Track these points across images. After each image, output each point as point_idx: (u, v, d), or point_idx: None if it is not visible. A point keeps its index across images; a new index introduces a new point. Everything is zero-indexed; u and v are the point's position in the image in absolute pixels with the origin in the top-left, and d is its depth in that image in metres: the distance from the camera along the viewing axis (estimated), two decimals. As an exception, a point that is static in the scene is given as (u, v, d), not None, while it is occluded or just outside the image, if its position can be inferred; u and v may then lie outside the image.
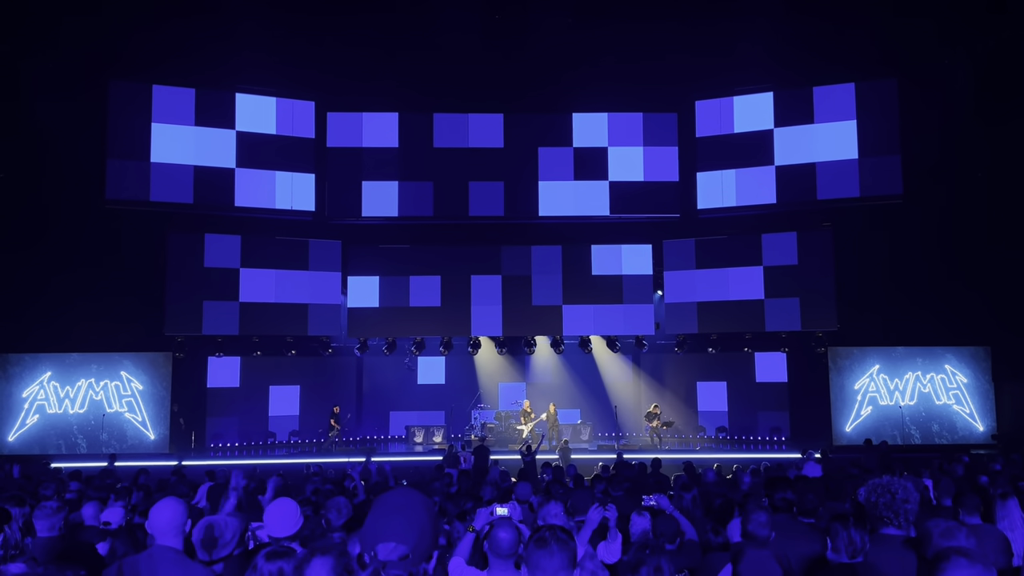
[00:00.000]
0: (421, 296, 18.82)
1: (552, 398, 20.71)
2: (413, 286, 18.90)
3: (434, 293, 18.88)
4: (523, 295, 18.87)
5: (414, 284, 18.92)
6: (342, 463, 15.26)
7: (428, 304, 18.87)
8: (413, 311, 18.84)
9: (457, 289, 18.84)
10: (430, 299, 18.88)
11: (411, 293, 18.86)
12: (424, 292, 18.79)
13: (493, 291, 18.82)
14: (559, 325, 19.08)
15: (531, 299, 18.95)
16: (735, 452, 17.94)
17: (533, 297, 18.96)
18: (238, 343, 18.63)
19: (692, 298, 18.74)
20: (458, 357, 20.66)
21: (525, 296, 18.89)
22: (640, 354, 20.71)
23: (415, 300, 18.86)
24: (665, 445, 18.53)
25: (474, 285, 18.91)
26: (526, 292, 18.88)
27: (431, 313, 18.84)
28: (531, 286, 18.93)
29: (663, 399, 20.70)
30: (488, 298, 18.83)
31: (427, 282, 18.94)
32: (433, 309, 18.84)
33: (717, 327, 18.81)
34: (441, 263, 18.92)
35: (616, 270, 19.02)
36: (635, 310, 18.95)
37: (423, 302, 18.84)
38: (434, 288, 18.89)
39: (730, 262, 18.52)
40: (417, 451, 18.64)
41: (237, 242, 17.95)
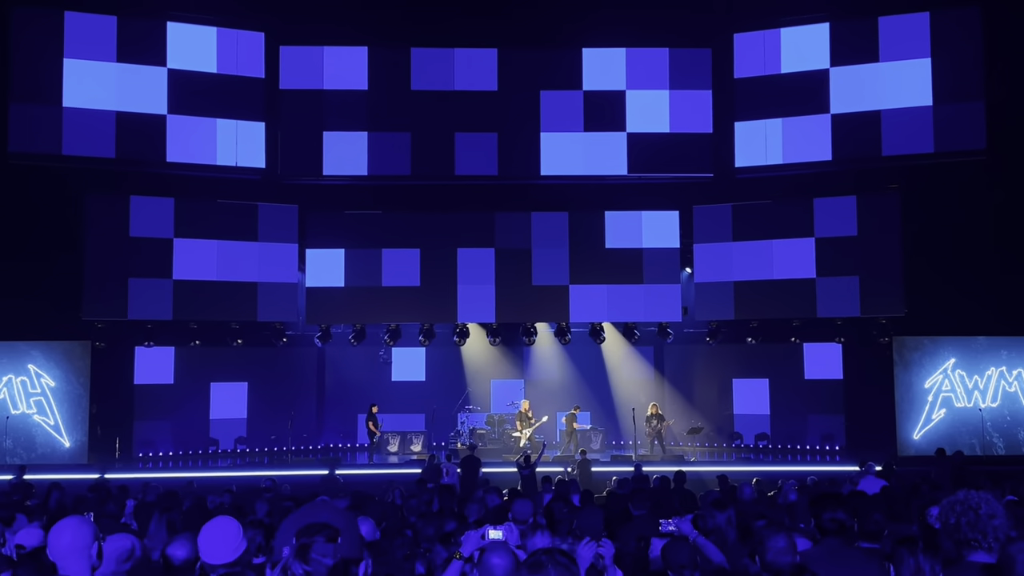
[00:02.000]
0: (396, 274, 18.91)
1: (556, 398, 20.92)
2: (386, 261, 18.98)
3: (412, 270, 18.96)
4: (521, 273, 18.98)
5: (388, 259, 19.00)
6: (301, 477, 15.53)
7: (405, 284, 18.95)
8: (387, 292, 18.92)
9: (440, 265, 18.92)
10: (407, 278, 18.96)
11: (384, 270, 18.94)
12: (400, 269, 18.90)
13: (485, 268, 18.89)
14: (565, 310, 19.17)
15: (531, 278, 19.01)
16: (778, 464, 18.06)
17: (533, 276, 19.02)
18: (172, 330, 18.69)
19: (728, 277, 18.86)
20: (442, 349, 20.74)
21: (524, 274, 18.98)
22: (664, 345, 20.94)
23: (389, 279, 18.92)
24: (690, 455, 18.92)
25: (461, 261, 18.96)
26: (525, 269, 18.94)
27: (409, 295, 18.95)
28: (531, 262, 18.99)
29: (691, 400, 20.93)
30: (478, 276, 18.91)
31: (404, 256, 19.00)
32: (411, 290, 18.95)
33: (758, 312, 18.94)
34: (421, 234, 19.03)
35: (635, 242, 19.10)
36: (658, 292, 19.05)
37: (399, 281, 18.92)
38: (412, 264, 18.97)
39: (775, 233, 18.62)
40: (391, 462, 18.79)
41: (170, 206, 17.94)
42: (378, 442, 18.73)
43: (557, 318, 19.51)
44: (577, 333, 20.24)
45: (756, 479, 11.07)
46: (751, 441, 20.31)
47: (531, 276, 18.97)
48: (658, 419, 18.75)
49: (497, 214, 19.11)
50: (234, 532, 4.11)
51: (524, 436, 18.72)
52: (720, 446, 20.49)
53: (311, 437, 20.49)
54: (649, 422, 18.75)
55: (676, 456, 18.61)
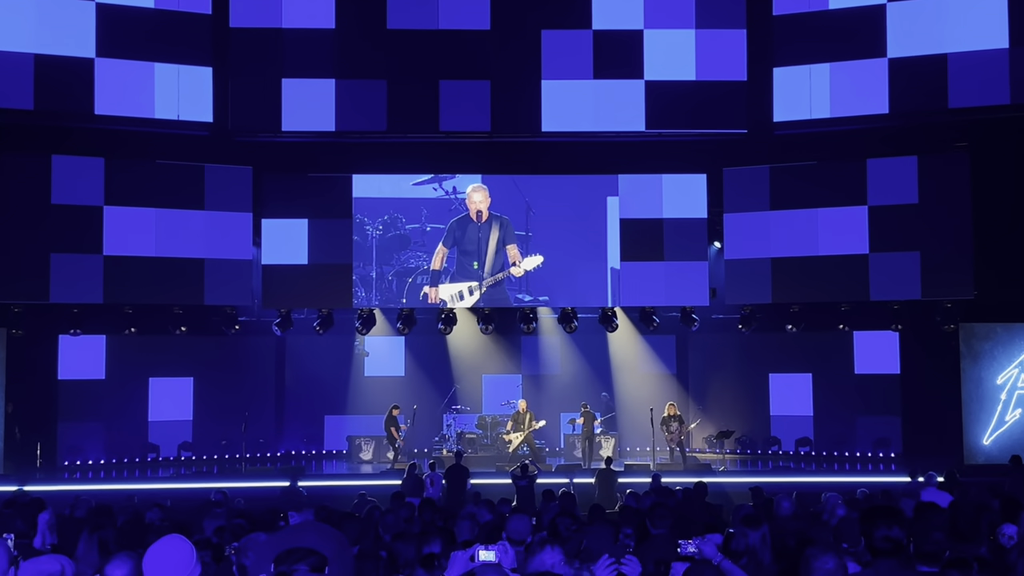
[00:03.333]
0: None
1: (560, 397, 21.07)
2: (361, 233, 19.06)
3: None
4: (519, 248, 19.12)
5: (360, 231, 19.06)
6: (257, 489, 15.61)
7: (380, 260, 19.08)
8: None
9: (430, 234, 19.09)
10: (383, 252, 19.11)
11: (356, 244, 19.00)
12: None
13: (471, 238, 18.97)
14: (570, 291, 19.20)
15: (530, 253, 19.09)
16: (822, 474, 18.20)
17: (533, 251, 19.12)
18: (103, 316, 18.64)
19: (764, 252, 18.83)
20: (424, 337, 20.75)
21: (521, 250, 19.10)
22: (688, 334, 20.87)
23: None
24: (718, 464, 18.98)
25: (446, 229, 19.10)
26: (522, 244, 19.06)
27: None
28: (530, 235, 18.98)
29: (719, 399, 20.94)
30: (468, 251, 18.96)
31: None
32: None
33: (800, 295, 18.90)
34: (400, 201, 19.03)
35: (654, 211, 19.09)
36: (681, 270, 19.00)
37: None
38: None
39: (820, 200, 18.56)
40: (364, 472, 18.84)
41: (99, 168, 17.84)
42: (399, 449, 18.92)
43: (561, 301, 19.52)
44: (585, 320, 20.18)
45: (796, 492, 11.17)
46: (791, 447, 20.37)
47: (530, 252, 19.03)
48: (678, 422, 18.90)
49: (490, 178, 19.13)
50: (186, 554, 4.12)
51: (516, 441, 18.89)
52: (754, 453, 20.57)
53: (269, 443, 20.50)
54: (667, 425, 18.87)
55: (701, 465, 18.75)
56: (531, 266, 18.86)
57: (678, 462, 18.64)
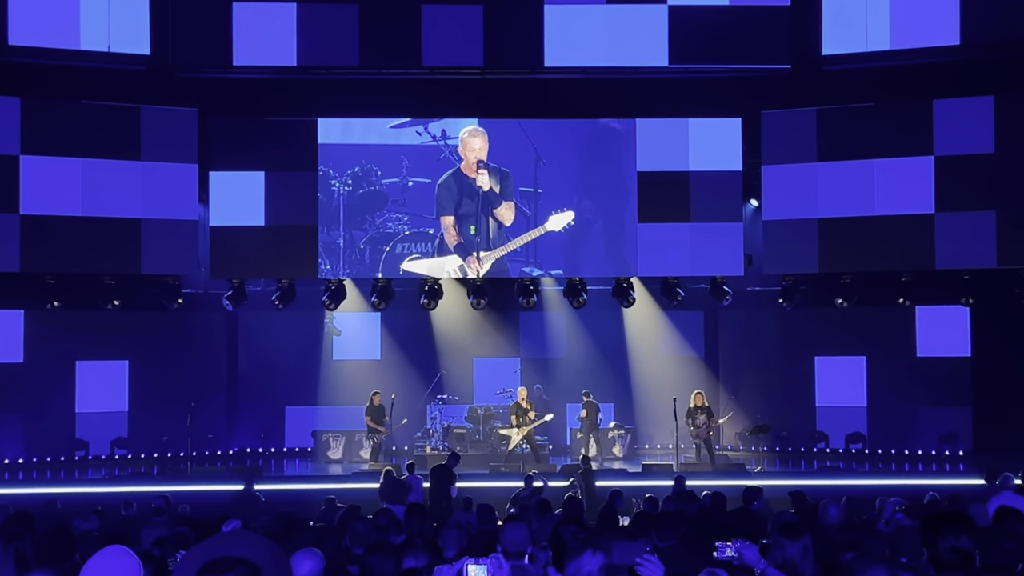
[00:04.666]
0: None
1: (566, 385, 20.99)
2: (326, 190, 18.98)
3: (362, 202, 19.14)
4: (522, 209, 19.04)
5: (327, 187, 19.00)
6: (205, 494, 15.61)
7: (351, 221, 19.10)
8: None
9: (413, 190, 19.09)
10: (355, 212, 19.09)
11: (321, 204, 18.99)
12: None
13: (467, 198, 18.98)
14: (578, 259, 19.16)
15: (531, 213, 19.00)
16: (878, 476, 18.25)
17: (534, 209, 18.97)
18: (20, 287, 18.58)
19: (810, 212, 18.76)
20: (404, 313, 20.70)
21: (525, 208, 19.02)
22: (718, 310, 20.88)
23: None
24: (753, 464, 19.03)
25: (432, 190, 19.05)
26: (529, 203, 18.97)
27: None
28: (539, 192, 18.98)
29: (755, 386, 20.84)
30: (463, 209, 18.96)
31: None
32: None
33: (852, 263, 18.90)
34: (375, 150, 18.83)
35: (679, 163, 18.97)
36: (711, 233, 18.93)
37: (343, 217, 19.02)
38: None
39: (877, 149, 18.44)
40: (333, 473, 18.85)
41: (14, 110, 17.68)
42: (378, 444, 19.03)
43: (567, 270, 19.47)
44: (596, 292, 20.09)
45: (846, 497, 11.20)
46: (840, 444, 20.34)
47: (531, 211, 19.02)
48: (706, 414, 18.92)
49: (483, 122, 19.05)
50: (132, 570, 4.09)
51: (517, 438, 18.87)
52: (796, 451, 20.52)
53: (219, 439, 20.49)
54: (693, 418, 18.91)
55: (733, 466, 18.83)
56: (562, 224, 18.79)
57: (705, 462, 18.65)
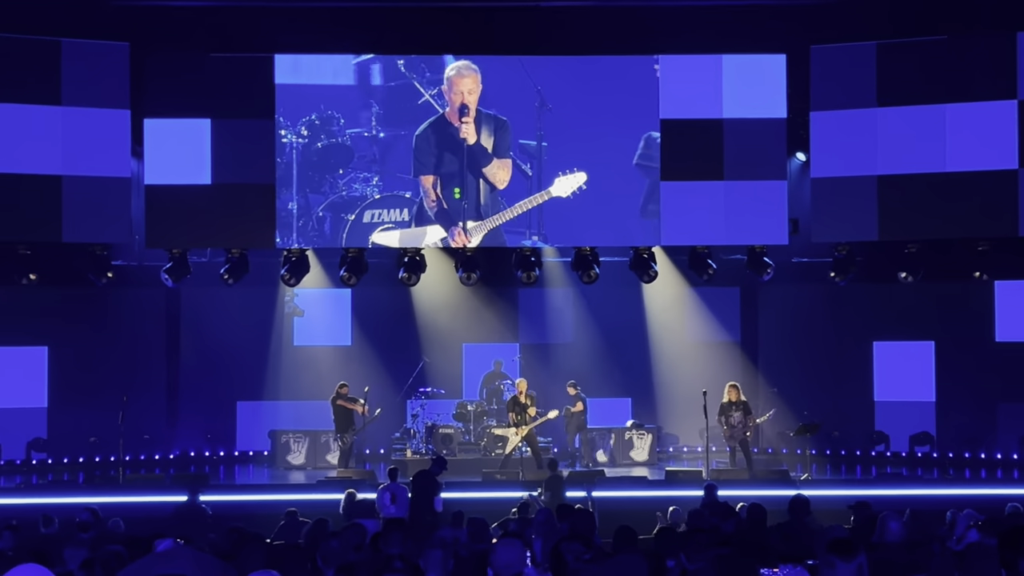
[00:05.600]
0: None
1: (573, 375, 20.62)
2: (276, 144, 19.04)
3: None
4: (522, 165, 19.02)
5: (278, 139, 19.05)
6: (141, 505, 15.42)
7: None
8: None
9: (385, 144, 19.31)
10: (319, 168, 18.86)
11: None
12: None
13: (451, 153, 18.74)
14: (589, 224, 19.07)
15: (533, 171, 18.82)
16: (948, 485, 18.07)
17: (537, 167, 18.77)
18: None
19: (868, 168, 18.66)
20: (379, 290, 20.93)
21: (527, 164, 18.94)
22: (758, 286, 21.02)
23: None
24: (800, 471, 18.90)
25: (410, 143, 18.93)
26: (534, 159, 19.03)
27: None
28: (544, 146, 18.84)
29: (802, 378, 20.59)
30: (445, 168, 18.86)
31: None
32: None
33: (918, 228, 18.84)
34: (336, 93, 19.13)
35: (709, 110, 18.89)
36: (749, 194, 18.86)
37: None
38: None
39: (950, 92, 18.26)
40: (295, 482, 18.98)
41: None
42: (348, 446, 19.17)
43: (573, 239, 19.38)
44: (611, 265, 19.97)
45: (910, 509, 11.24)
46: (903, 447, 20.29)
47: (534, 168, 18.93)
48: (742, 410, 18.81)
49: (473, 59, 18.94)
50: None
51: (515, 439, 18.80)
52: (850, 455, 20.39)
53: (158, 440, 20.41)
54: (727, 415, 18.81)
55: (775, 472, 18.75)
56: (571, 188, 18.54)
57: (742, 468, 18.68)
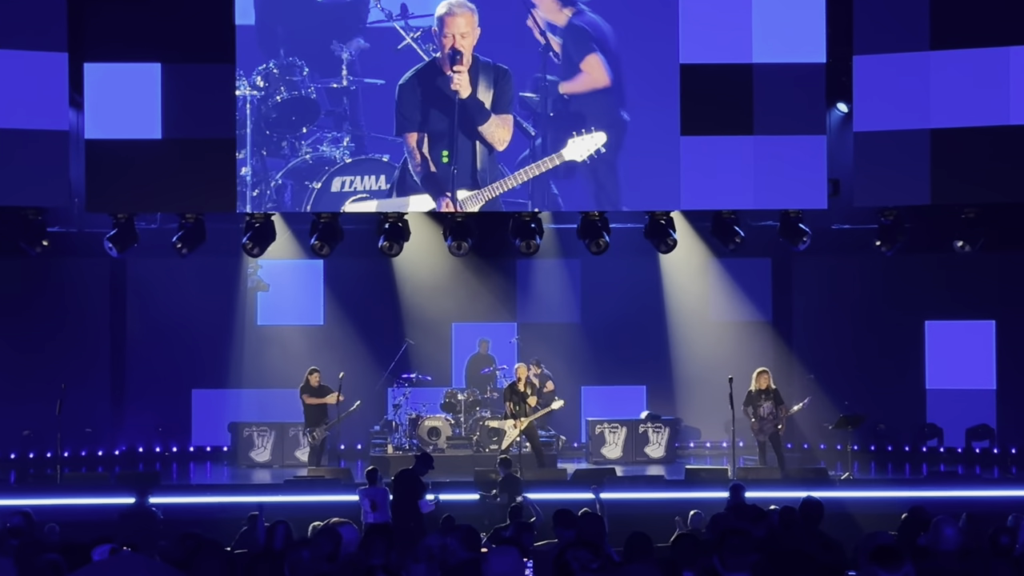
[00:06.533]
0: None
1: (579, 360, 21.23)
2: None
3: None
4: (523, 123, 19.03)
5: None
6: (82, 508, 15.96)
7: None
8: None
9: (357, 97, 19.20)
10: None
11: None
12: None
13: (440, 109, 18.91)
14: (598, 185, 19.11)
15: (538, 134, 18.86)
16: (1010, 486, 18.38)
17: (542, 125, 18.87)
18: None
19: (920, 120, 18.62)
20: (356, 262, 21.31)
21: (529, 123, 19.00)
22: (792, 257, 21.28)
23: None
24: (840, 469, 19.09)
25: (390, 96, 18.96)
26: (538, 120, 18.93)
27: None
28: (539, 98, 18.87)
29: (843, 361, 20.82)
30: (433, 125, 18.97)
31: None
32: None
33: (977, 191, 18.84)
34: (299, 35, 19.20)
35: (737, 52, 18.96)
36: (782, 150, 18.89)
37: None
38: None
39: (1015, 33, 18.26)
40: (259, 482, 19.30)
41: None
42: (320, 441, 19.56)
43: (579, 203, 19.49)
44: (623, 233, 20.19)
45: (966, 513, 11.22)
46: (958, 441, 20.52)
47: (538, 125, 19.00)
48: (773, 400, 19.04)
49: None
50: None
51: (513, 433, 19.11)
52: (898, 451, 20.65)
53: (101, 434, 20.60)
54: (755, 405, 19.03)
55: (811, 471, 18.87)
56: (587, 151, 18.62)
57: (773, 466, 18.87)
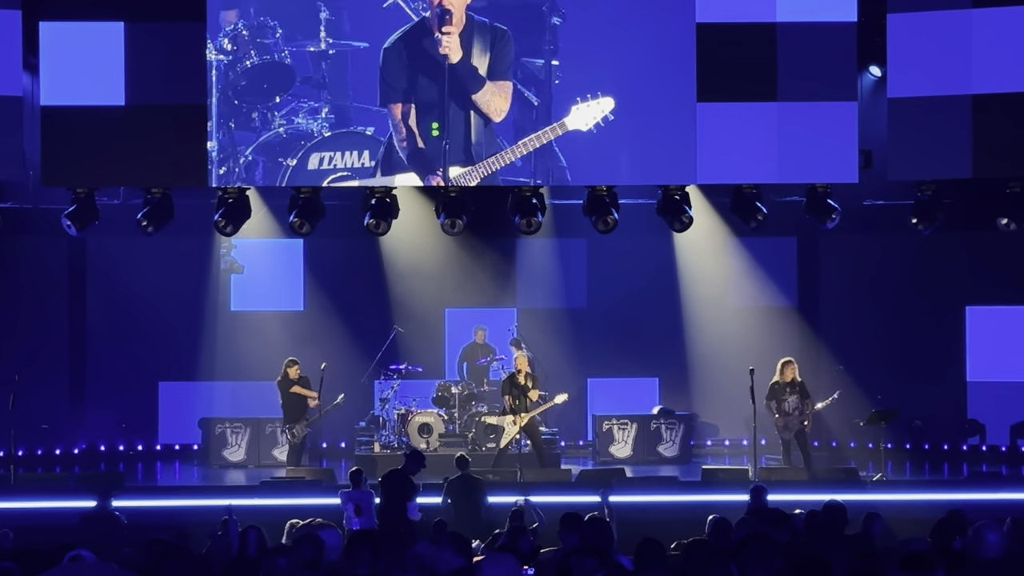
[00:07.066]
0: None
1: (586, 350, 21.56)
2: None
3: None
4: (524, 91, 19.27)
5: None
6: (38, 512, 16.14)
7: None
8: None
9: (338, 63, 19.40)
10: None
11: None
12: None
13: (428, 75, 19.09)
14: (606, 157, 19.28)
15: (541, 99, 19.03)
16: None
17: (546, 93, 18.95)
18: None
19: (960, 86, 18.76)
20: (340, 241, 21.68)
21: (531, 91, 19.20)
22: (820, 236, 21.64)
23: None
24: (871, 470, 19.41)
25: (374, 62, 19.20)
26: (541, 87, 19.10)
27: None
28: (555, 64, 19.20)
29: (875, 351, 21.02)
30: (422, 94, 19.09)
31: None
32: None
33: (1023, 164, 18.82)
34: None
35: (760, 10, 19.11)
36: (809, 118, 19.01)
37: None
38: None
39: None
40: (233, 483, 19.50)
41: None
42: (300, 439, 19.70)
43: (586, 176, 19.52)
44: (633, 209, 20.30)
45: (1011, 518, 10.84)
46: (1002, 439, 20.76)
47: (542, 91, 19.02)
48: (799, 393, 19.17)
49: None
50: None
51: (513, 430, 19.23)
52: (936, 450, 20.81)
53: (58, 431, 20.75)
54: (779, 399, 19.15)
55: (840, 472, 19.03)
56: (593, 119, 18.64)
57: (798, 466, 19.01)
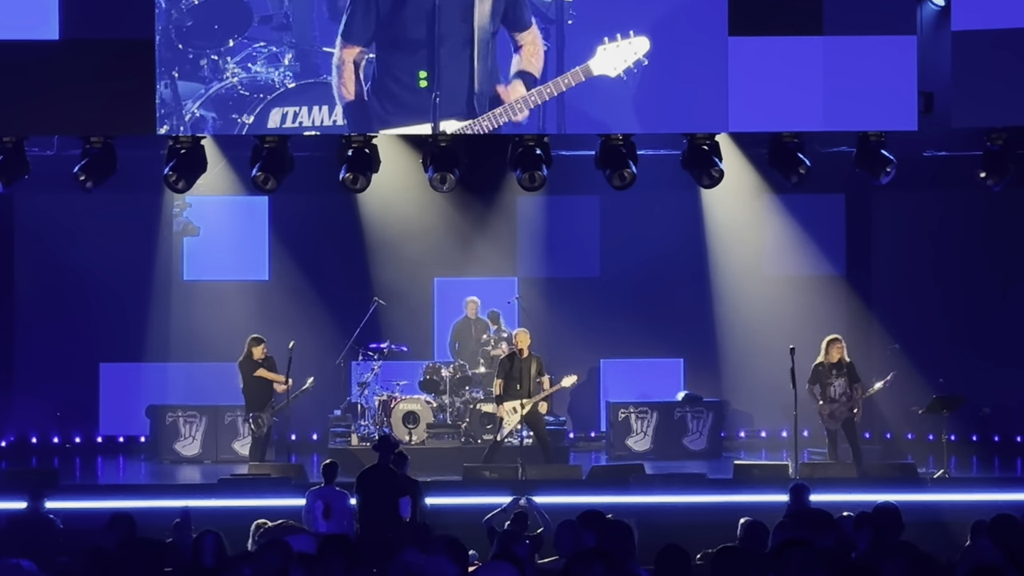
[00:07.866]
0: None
1: (596, 326, 22.85)
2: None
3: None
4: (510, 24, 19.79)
5: None
6: None
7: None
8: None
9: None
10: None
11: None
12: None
13: (411, 11, 19.48)
14: (623, 102, 19.17)
15: (551, 42, 19.42)
16: None
17: (557, 34, 19.46)
18: None
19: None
20: (310, 198, 22.20)
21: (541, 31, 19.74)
22: (872, 192, 22.14)
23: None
24: (932, 466, 19.55)
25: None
26: (552, 29, 19.50)
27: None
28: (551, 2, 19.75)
29: (936, 329, 21.34)
30: (403, 44, 19.50)
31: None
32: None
33: None
34: None
35: None
36: (859, 55, 19.30)
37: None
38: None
39: None
40: (186, 480, 20.12)
41: None
42: (265, 430, 20.11)
43: (595, 125, 19.82)
44: (653, 161, 20.47)
45: None
46: None
47: (554, 33, 19.47)
48: (847, 377, 19.46)
49: None
50: None
51: (515, 418, 19.53)
52: (1008, 443, 21.33)
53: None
54: (824, 383, 19.44)
55: (896, 468, 19.46)
56: (623, 64, 18.72)
57: (846, 461, 19.22)
